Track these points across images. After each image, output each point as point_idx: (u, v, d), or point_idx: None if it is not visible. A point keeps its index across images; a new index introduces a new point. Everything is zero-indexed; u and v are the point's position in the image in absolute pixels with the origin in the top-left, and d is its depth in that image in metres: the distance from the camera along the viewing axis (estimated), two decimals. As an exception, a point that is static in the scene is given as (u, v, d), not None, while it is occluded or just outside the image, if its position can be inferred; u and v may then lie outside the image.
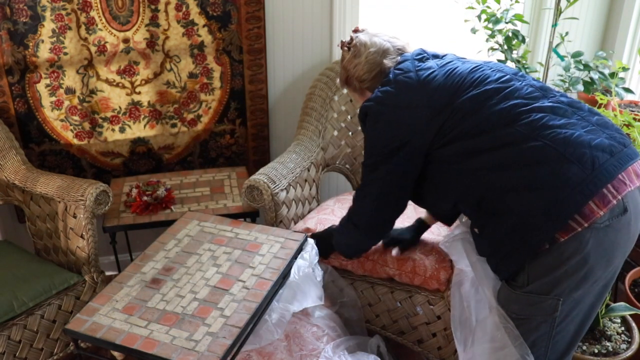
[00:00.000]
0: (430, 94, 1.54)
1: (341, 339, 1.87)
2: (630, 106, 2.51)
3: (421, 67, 1.60)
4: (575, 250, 1.35)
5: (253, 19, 2.37)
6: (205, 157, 2.60)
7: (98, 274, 2.02)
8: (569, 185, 1.33)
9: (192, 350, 1.43)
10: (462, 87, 1.52)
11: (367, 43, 1.71)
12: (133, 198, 2.23)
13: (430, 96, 1.53)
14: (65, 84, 2.32)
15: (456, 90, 1.52)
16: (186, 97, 2.46)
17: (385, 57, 1.70)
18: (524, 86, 1.50)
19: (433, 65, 1.60)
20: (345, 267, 2.02)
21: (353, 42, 1.74)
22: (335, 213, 2.17)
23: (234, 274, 1.71)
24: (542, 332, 1.46)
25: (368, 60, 1.70)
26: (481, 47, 2.35)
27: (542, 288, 1.41)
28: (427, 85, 1.55)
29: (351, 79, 1.76)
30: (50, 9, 2.17)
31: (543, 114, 1.42)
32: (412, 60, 1.64)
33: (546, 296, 1.41)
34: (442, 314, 1.92)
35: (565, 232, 1.34)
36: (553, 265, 1.38)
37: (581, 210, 1.32)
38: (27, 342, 1.84)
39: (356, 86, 1.76)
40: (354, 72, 1.73)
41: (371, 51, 1.70)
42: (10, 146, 2.17)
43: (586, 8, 2.64)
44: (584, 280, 1.38)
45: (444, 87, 1.53)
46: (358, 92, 1.79)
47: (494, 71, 1.55)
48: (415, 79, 1.58)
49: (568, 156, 1.35)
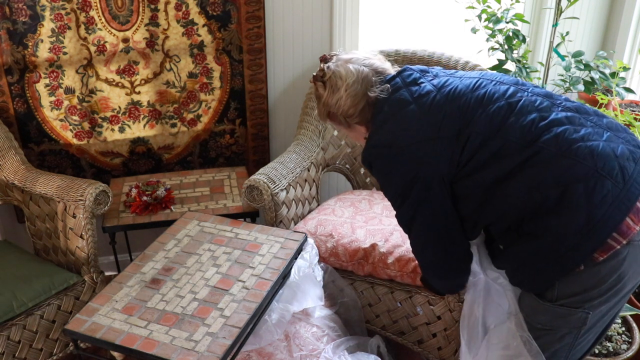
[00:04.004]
0: (438, 123, 1.41)
1: (341, 339, 1.87)
2: (631, 106, 2.50)
3: (419, 94, 1.46)
4: (612, 269, 1.31)
5: (253, 19, 2.36)
6: (205, 157, 2.60)
7: (97, 274, 2.02)
8: (605, 202, 1.28)
9: (192, 350, 1.42)
10: (470, 109, 1.41)
11: (343, 74, 1.52)
12: (133, 198, 2.23)
13: (439, 126, 1.41)
14: (65, 84, 2.31)
15: (464, 114, 1.40)
16: (186, 97, 2.46)
17: (368, 86, 1.52)
18: (531, 97, 1.42)
19: (431, 89, 1.46)
20: (346, 267, 2.02)
21: (327, 76, 1.55)
22: (336, 213, 2.17)
23: (233, 274, 1.70)
24: (565, 342, 1.43)
25: (349, 93, 1.51)
26: (481, 47, 2.35)
27: (573, 303, 1.37)
28: (432, 113, 1.42)
29: (334, 115, 1.59)
30: (50, 8, 2.17)
31: (563, 127, 1.35)
32: (406, 88, 1.48)
33: (576, 309, 1.37)
34: (442, 314, 1.92)
35: (603, 251, 1.30)
36: (588, 283, 1.33)
37: (619, 227, 1.28)
38: (26, 342, 1.83)
39: (342, 121, 1.59)
40: (337, 108, 1.54)
41: (349, 82, 1.51)
42: (9, 146, 2.16)
43: (587, 7, 2.64)
44: (615, 295, 1.36)
45: (451, 114, 1.41)
46: (345, 126, 1.61)
47: (496, 84, 1.45)
48: (417, 109, 1.43)
49: (600, 171, 1.29)
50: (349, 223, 2.09)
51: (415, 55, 2.37)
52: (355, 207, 2.22)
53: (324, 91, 1.56)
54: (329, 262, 2.02)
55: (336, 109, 1.55)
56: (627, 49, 2.65)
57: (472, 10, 2.29)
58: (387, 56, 2.39)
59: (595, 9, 2.67)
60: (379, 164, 1.49)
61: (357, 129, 1.59)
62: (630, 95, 2.49)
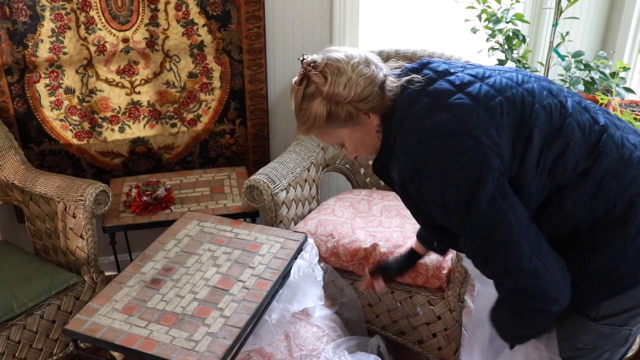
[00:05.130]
0: (496, 111, 1.19)
1: (341, 339, 1.87)
2: (631, 106, 2.50)
3: (461, 82, 1.24)
4: None
5: (253, 19, 2.36)
6: (205, 157, 2.60)
7: (97, 274, 2.02)
8: None
9: (192, 350, 1.42)
10: (524, 101, 1.22)
11: (342, 57, 1.28)
12: (133, 198, 2.23)
13: (498, 114, 1.19)
14: (65, 84, 2.31)
15: (519, 105, 1.21)
16: (186, 97, 2.46)
17: (376, 70, 1.29)
18: (573, 97, 1.28)
19: (471, 79, 1.26)
20: (347, 267, 2.02)
21: (321, 65, 1.28)
22: (336, 213, 2.17)
23: (233, 274, 1.70)
24: (603, 359, 1.34)
25: (360, 73, 1.26)
26: (481, 47, 2.35)
27: (618, 321, 1.27)
28: (484, 101, 1.20)
29: (337, 110, 1.27)
30: (50, 8, 2.17)
31: (617, 133, 1.24)
32: (443, 79, 1.26)
33: (620, 327, 1.27)
34: (442, 314, 1.92)
35: None
36: (635, 301, 1.24)
37: None
38: (26, 342, 1.83)
39: (349, 115, 1.28)
40: (347, 93, 1.25)
41: (354, 63, 1.26)
42: (9, 146, 2.16)
43: (587, 7, 2.64)
44: None
45: (506, 103, 1.21)
46: (350, 123, 1.30)
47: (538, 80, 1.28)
48: (467, 98, 1.20)
49: None
50: (349, 223, 2.09)
51: (415, 55, 2.37)
52: (355, 207, 2.22)
53: (325, 80, 1.26)
54: (330, 262, 2.02)
55: (346, 95, 1.25)
56: (627, 49, 2.65)
57: (472, 10, 2.29)
58: (387, 56, 2.40)
59: (595, 9, 2.67)
60: (432, 162, 1.17)
61: (366, 124, 1.31)
62: (630, 95, 2.49)
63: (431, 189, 1.20)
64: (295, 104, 1.34)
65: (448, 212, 1.21)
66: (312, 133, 1.34)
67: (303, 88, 1.31)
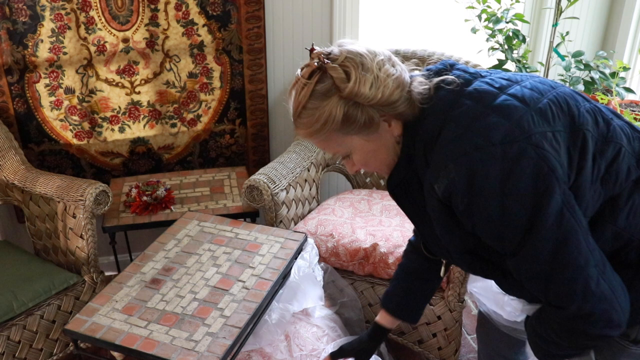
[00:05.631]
0: (547, 113, 1.07)
1: (341, 339, 1.87)
2: (631, 106, 2.50)
3: (500, 84, 1.11)
4: None
5: (253, 19, 2.36)
6: (205, 157, 2.60)
7: (97, 274, 2.02)
8: None
9: (192, 350, 1.42)
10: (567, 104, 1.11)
11: (363, 51, 1.12)
12: (133, 198, 2.23)
13: (551, 116, 1.07)
14: (65, 84, 2.31)
15: (565, 108, 1.10)
16: (186, 97, 2.46)
17: (403, 70, 1.15)
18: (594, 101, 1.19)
19: (504, 82, 1.13)
20: (347, 267, 2.02)
21: (340, 57, 1.10)
22: (336, 213, 2.17)
23: (233, 274, 1.70)
24: None
25: (387, 72, 1.09)
26: (481, 47, 2.35)
27: None
28: (533, 103, 1.07)
29: (357, 111, 1.09)
30: (50, 8, 2.17)
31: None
32: (480, 80, 1.13)
33: None
34: (442, 314, 1.92)
35: None
36: None
37: None
38: (26, 342, 1.83)
39: (371, 119, 1.10)
40: (374, 94, 1.07)
41: (379, 60, 1.10)
42: (9, 146, 2.16)
43: (587, 7, 2.64)
44: None
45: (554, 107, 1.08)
46: (366, 130, 1.12)
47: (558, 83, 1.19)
48: (514, 100, 1.07)
49: None
50: (349, 223, 2.09)
51: (415, 55, 2.37)
52: (355, 207, 2.22)
53: (347, 75, 1.07)
54: (330, 262, 2.02)
55: (371, 96, 1.07)
56: (627, 49, 2.65)
57: (472, 10, 2.30)
58: (387, 56, 2.40)
59: (595, 9, 2.67)
60: (492, 172, 1.01)
61: (385, 133, 1.14)
62: (630, 95, 2.49)
63: (487, 202, 1.02)
64: (299, 100, 1.12)
65: (505, 229, 1.04)
66: (315, 138, 1.13)
67: (314, 83, 1.10)
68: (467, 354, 2.19)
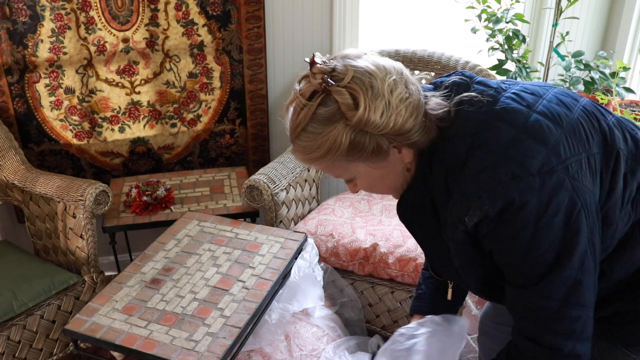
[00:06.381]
0: (582, 135, 1.01)
1: (341, 339, 1.87)
2: (631, 106, 2.50)
3: (527, 102, 1.02)
4: None
5: (253, 19, 2.36)
6: (205, 157, 2.60)
7: (97, 274, 2.02)
8: None
9: (192, 350, 1.42)
10: (596, 120, 1.05)
11: (373, 70, 0.97)
12: (133, 198, 2.23)
13: (585, 138, 1.01)
14: (65, 84, 2.31)
15: (596, 125, 1.04)
16: (186, 97, 2.46)
17: (417, 90, 1.02)
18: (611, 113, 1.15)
19: (531, 98, 1.04)
20: (347, 267, 2.02)
21: (346, 77, 0.96)
22: (336, 213, 2.17)
23: (233, 274, 1.70)
24: None
25: (400, 97, 0.97)
26: (481, 47, 2.35)
27: None
28: (568, 127, 1.00)
29: (365, 139, 0.98)
30: (50, 8, 2.17)
31: None
32: (505, 96, 1.04)
33: None
34: (442, 314, 1.92)
35: None
36: None
37: None
38: (26, 342, 1.83)
39: (379, 147, 1.00)
40: (385, 123, 0.96)
41: (391, 82, 0.97)
42: (9, 146, 2.16)
43: (587, 7, 2.64)
44: None
45: (584, 124, 1.03)
46: (372, 159, 1.02)
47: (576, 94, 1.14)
48: (549, 121, 1.00)
49: None
50: (349, 223, 2.09)
51: (415, 55, 2.37)
52: (355, 207, 2.22)
53: (355, 101, 0.95)
54: (330, 262, 2.02)
55: (382, 126, 0.96)
56: (627, 49, 2.65)
57: (472, 10, 2.30)
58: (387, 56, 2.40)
59: (595, 9, 2.67)
60: (528, 203, 0.94)
61: (394, 160, 1.04)
62: (630, 95, 2.49)
63: (517, 233, 0.97)
64: (298, 121, 0.99)
65: (526, 262, 0.99)
66: (316, 164, 1.03)
67: (315, 105, 0.97)
68: (467, 354, 2.19)
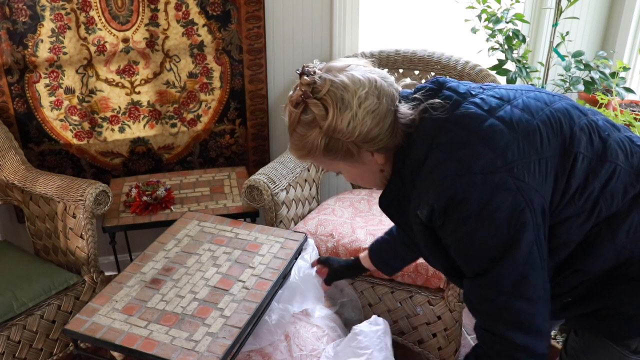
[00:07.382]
0: (536, 139, 1.07)
1: (341, 339, 1.87)
2: (631, 106, 2.50)
3: (490, 106, 1.10)
4: None
5: (253, 19, 2.36)
6: (205, 157, 2.60)
7: (97, 274, 2.02)
8: None
9: (192, 350, 1.42)
10: (561, 123, 1.10)
11: (348, 83, 1.11)
12: (133, 198, 2.23)
13: (539, 142, 1.07)
14: (65, 84, 2.31)
15: (557, 129, 1.09)
16: (186, 97, 2.46)
17: (390, 99, 1.14)
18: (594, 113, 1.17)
19: (497, 102, 1.12)
20: (346, 267, 2.02)
21: (322, 90, 1.11)
22: (336, 213, 2.17)
23: (233, 274, 1.70)
24: None
25: (367, 109, 1.10)
26: (481, 47, 2.35)
27: None
28: (521, 128, 1.07)
29: (337, 145, 1.13)
30: (50, 8, 2.17)
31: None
32: (469, 101, 1.12)
33: None
34: (442, 314, 1.92)
35: None
36: None
37: None
38: (26, 342, 1.83)
39: (349, 152, 1.15)
40: (351, 132, 1.10)
41: (362, 95, 1.10)
42: (9, 146, 2.16)
43: (587, 7, 2.64)
44: None
45: (544, 128, 1.08)
46: (350, 159, 1.17)
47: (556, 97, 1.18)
48: (501, 124, 1.07)
49: None
50: (349, 223, 2.09)
51: (415, 55, 2.37)
52: (355, 207, 2.22)
53: (326, 112, 1.10)
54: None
55: (348, 134, 1.11)
56: (627, 49, 2.65)
57: (472, 10, 2.29)
58: (387, 56, 2.40)
59: (595, 9, 2.67)
60: (471, 198, 1.03)
61: (368, 162, 1.19)
62: (630, 95, 2.49)
63: (462, 227, 1.06)
64: (289, 123, 1.19)
65: (474, 256, 1.08)
66: (305, 159, 1.21)
67: (299, 112, 1.14)
68: (467, 354, 2.19)
